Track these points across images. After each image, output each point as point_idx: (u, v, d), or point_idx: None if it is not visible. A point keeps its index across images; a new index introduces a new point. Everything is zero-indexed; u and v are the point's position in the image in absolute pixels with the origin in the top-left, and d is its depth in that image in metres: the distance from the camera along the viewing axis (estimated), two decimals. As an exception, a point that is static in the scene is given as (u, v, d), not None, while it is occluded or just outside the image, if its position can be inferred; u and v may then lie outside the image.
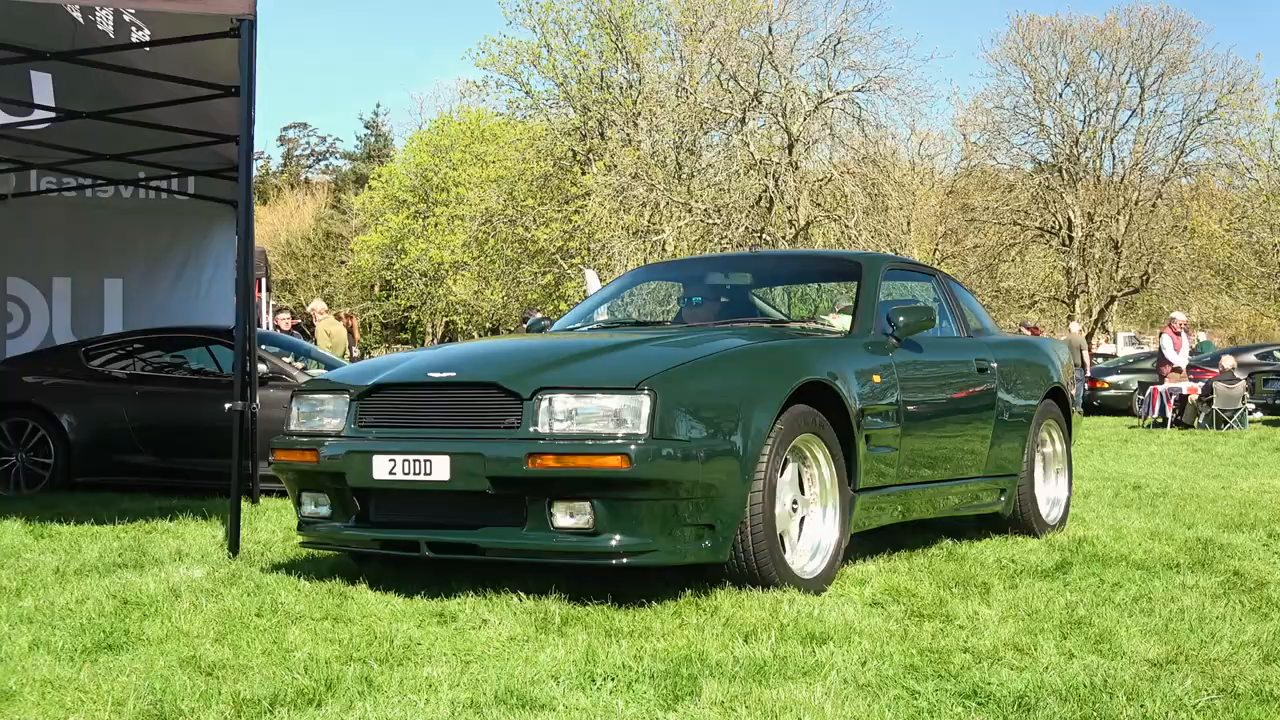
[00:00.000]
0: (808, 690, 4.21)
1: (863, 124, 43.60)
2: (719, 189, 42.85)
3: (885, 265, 7.89)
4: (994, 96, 50.19)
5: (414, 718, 3.88)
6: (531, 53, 47.38)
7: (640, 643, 4.89)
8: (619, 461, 5.20)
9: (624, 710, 3.99)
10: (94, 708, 4.00)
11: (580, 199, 43.90)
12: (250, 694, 4.13)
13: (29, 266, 14.27)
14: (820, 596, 5.97)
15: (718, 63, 43.81)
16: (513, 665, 4.56)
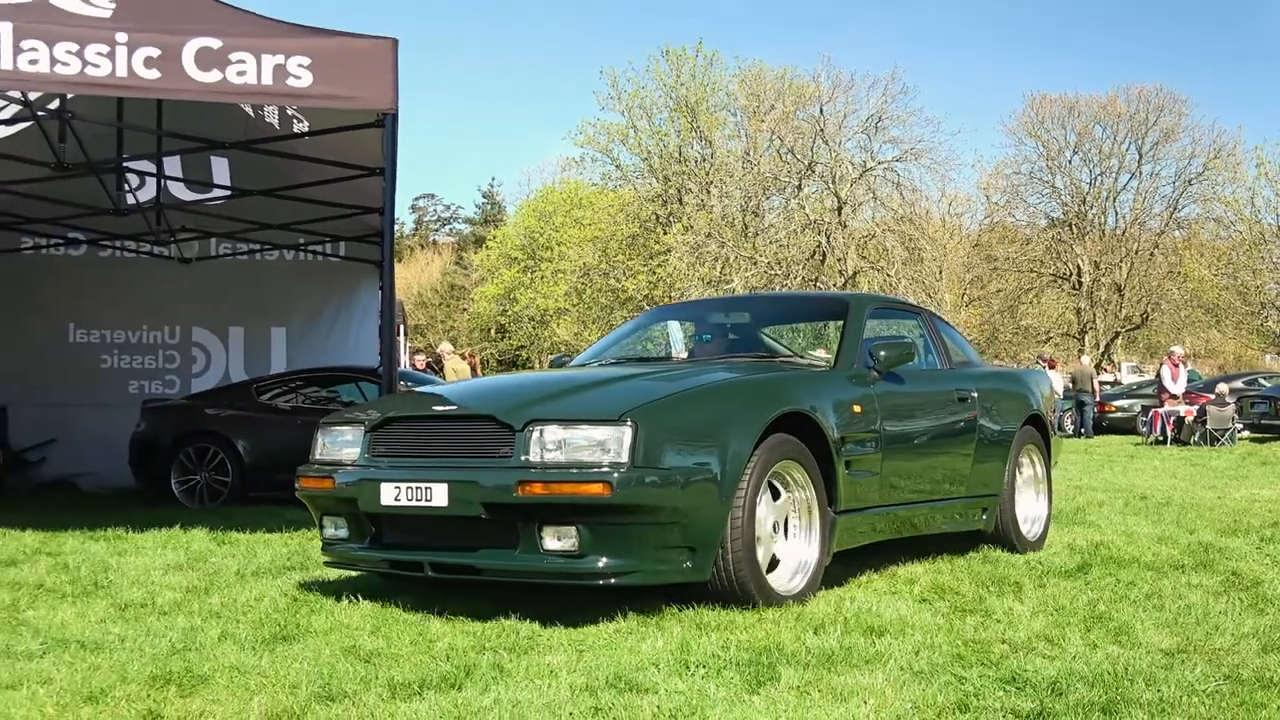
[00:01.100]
0: (870, 676, 4.18)
1: (900, 189, 43.51)
2: (779, 245, 42.91)
3: (871, 305, 7.43)
4: (1012, 163, 50.12)
5: (538, 699, 3.88)
6: (620, 133, 47.70)
7: (726, 635, 4.88)
8: (601, 489, 4.86)
9: (715, 693, 3.97)
10: (273, 690, 4.04)
11: (662, 255, 44.07)
12: (402, 678, 4.16)
13: (210, 318, 14.50)
14: (871, 592, 5.95)
15: (777, 139, 43.88)
16: (619, 654, 4.57)
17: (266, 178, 11.75)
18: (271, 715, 3.75)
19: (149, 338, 14.48)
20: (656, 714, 3.71)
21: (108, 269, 14.33)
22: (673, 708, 3.77)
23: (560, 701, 3.87)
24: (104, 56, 7.31)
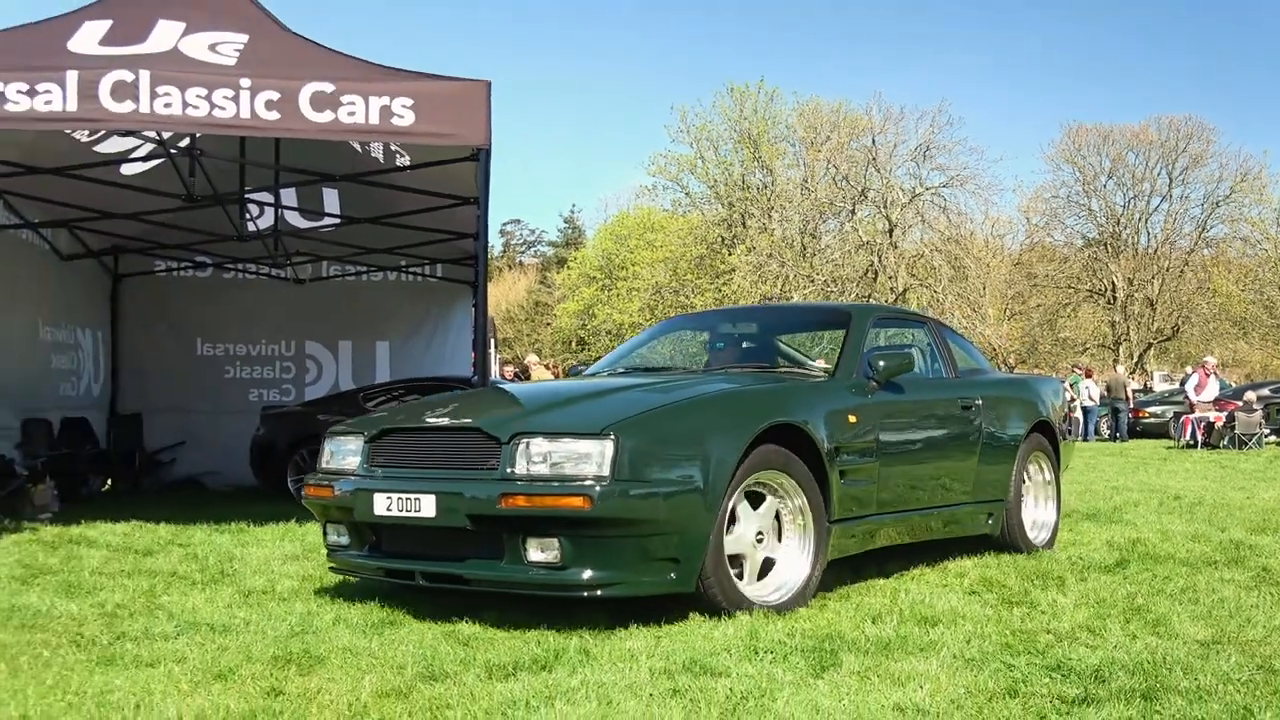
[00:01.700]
0: (925, 663, 4.14)
1: (947, 212, 43.32)
2: (835, 264, 42.79)
3: (874, 315, 6.90)
4: (1051, 188, 49.55)
5: (621, 681, 3.88)
6: (689, 163, 47.77)
7: (791, 624, 4.86)
8: (581, 502, 4.52)
9: (783, 677, 3.95)
10: (382, 670, 4.07)
11: (727, 274, 44.02)
12: (497, 661, 4.18)
13: (321, 332, 14.67)
14: (925, 584, 5.87)
15: (833, 167, 43.78)
16: (693, 641, 4.56)
17: (372, 207, 11.88)
18: (381, 693, 3.78)
19: (267, 350, 14.69)
20: (730, 695, 3.70)
21: (231, 289, 14.55)
22: (744, 690, 3.76)
23: (641, 683, 3.87)
24: (229, 100, 7.43)
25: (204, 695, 3.73)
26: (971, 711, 3.54)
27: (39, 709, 3.58)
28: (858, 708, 3.56)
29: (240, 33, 8.03)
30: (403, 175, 10.48)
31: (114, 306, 14.25)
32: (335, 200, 12.16)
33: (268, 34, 8.15)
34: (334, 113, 7.53)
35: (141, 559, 6.95)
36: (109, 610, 5.28)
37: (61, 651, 4.41)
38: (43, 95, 7.26)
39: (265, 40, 8.02)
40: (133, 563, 6.70)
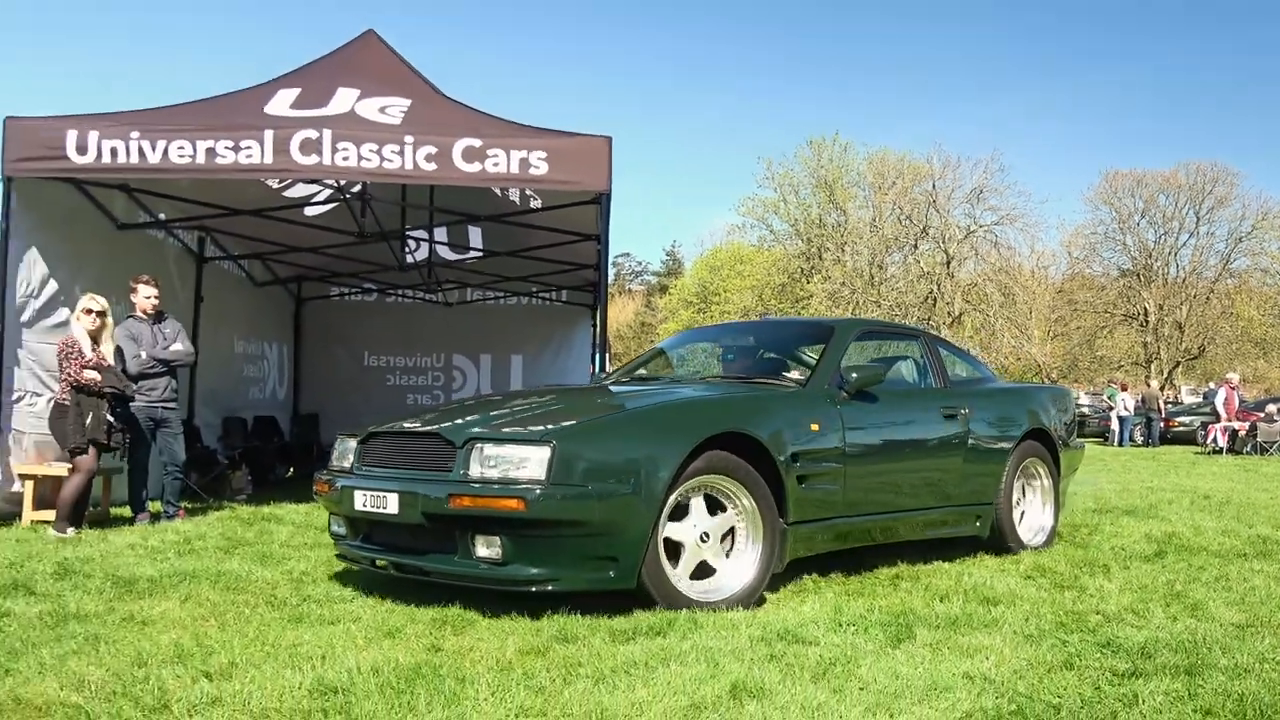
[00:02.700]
0: (989, 638, 4.05)
1: (998, 246, 42.60)
2: (899, 292, 42.23)
3: (857, 330, 6.19)
4: (1090, 225, 48.35)
5: (725, 646, 3.86)
6: (773, 205, 47.63)
7: (869, 600, 4.79)
8: (517, 504, 4.23)
9: (865, 646, 3.90)
10: (523, 633, 4.11)
11: (805, 299, 43.73)
12: (619, 627, 4.18)
13: (466, 347, 14.84)
14: (985, 569, 5.73)
15: (898, 208, 43.29)
16: (785, 613, 4.53)
17: (509, 242, 12.00)
18: (523, 651, 3.81)
19: (421, 362, 14.90)
20: (820, 661, 3.65)
21: (392, 311, 14.81)
22: (832, 657, 3.71)
23: (742, 648, 3.85)
24: (395, 154, 7.57)
25: (376, 649, 3.80)
26: (1033, 681, 3.45)
27: (243, 657, 3.68)
28: (932, 675, 3.49)
29: (405, 97, 8.18)
30: (535, 215, 10.57)
31: (296, 325, 14.59)
32: (479, 236, 12.31)
33: (427, 98, 8.29)
34: (481, 164, 7.63)
35: (321, 534, 7.07)
36: (296, 576, 5.40)
37: (259, 610, 4.52)
38: (245, 150, 7.47)
39: (425, 103, 8.16)
40: (314, 537, 6.83)
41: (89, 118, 7.54)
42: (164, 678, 3.36)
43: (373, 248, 11.76)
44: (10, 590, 4.80)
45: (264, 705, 3.11)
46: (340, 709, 3.08)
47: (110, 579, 5.12)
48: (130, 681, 3.32)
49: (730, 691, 3.27)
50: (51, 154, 7.43)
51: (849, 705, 3.16)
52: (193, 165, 7.46)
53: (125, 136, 7.41)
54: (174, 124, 7.51)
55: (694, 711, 3.09)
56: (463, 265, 13.12)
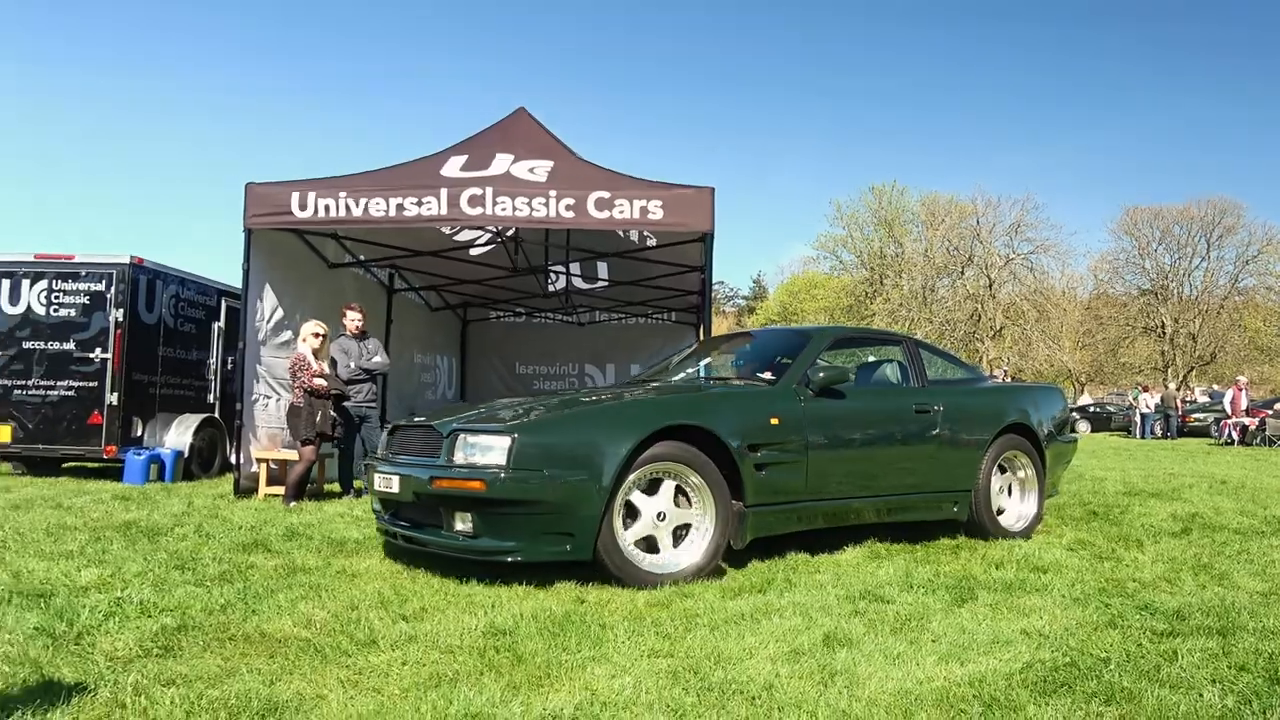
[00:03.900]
0: (1041, 600, 3.89)
1: (1034, 271, 41.15)
2: (948, 310, 41.05)
3: (831, 337, 5.66)
4: (1113, 252, 46.20)
5: (816, 602, 3.79)
6: (842, 240, 46.98)
7: (935, 566, 4.64)
8: (480, 485, 4.06)
9: (934, 605, 3.78)
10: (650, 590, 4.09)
11: (869, 317, 42.87)
12: (727, 585, 4.15)
13: (595, 358, 14.93)
14: (1032, 542, 5.48)
15: (946, 241, 42.14)
16: (863, 576, 4.41)
17: (629, 273, 12.02)
18: (650, 603, 3.80)
19: (560, 370, 15.03)
20: (896, 616, 3.55)
21: (537, 330, 15.00)
22: (907, 613, 3.61)
23: (830, 605, 3.77)
24: (542, 205, 7.67)
25: (534, 600, 3.84)
26: (1082, 638, 3.29)
27: (431, 604, 3.74)
28: (994, 631, 3.36)
29: (549, 160, 8.27)
30: (651, 252, 10.58)
31: (462, 341, 14.89)
32: (605, 269, 12.37)
33: (566, 160, 8.37)
34: (609, 212, 7.67)
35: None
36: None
37: (440, 567, 4.57)
38: (426, 204, 7.66)
39: (565, 164, 8.24)
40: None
41: (307, 182, 7.83)
42: (371, 619, 3.45)
43: (522, 279, 11.94)
44: (252, 548, 4.99)
45: (449, 643, 3.16)
46: (509, 647, 3.11)
47: (326, 540, 5.27)
48: (346, 621, 3.41)
49: (823, 640, 3.20)
50: (279, 211, 7.73)
51: (924, 654, 3.06)
52: (386, 217, 7.68)
53: (335, 196, 7.68)
54: (372, 186, 7.75)
55: (795, 656, 3.03)
56: (593, 293, 13.21)
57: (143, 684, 2.64)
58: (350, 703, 2.57)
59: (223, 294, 10.73)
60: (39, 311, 9.25)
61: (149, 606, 3.51)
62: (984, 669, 2.92)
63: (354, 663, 2.93)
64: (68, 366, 9.17)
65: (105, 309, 9.20)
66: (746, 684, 2.74)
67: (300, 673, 2.81)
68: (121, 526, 5.53)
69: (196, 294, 10.33)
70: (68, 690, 2.57)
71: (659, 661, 2.98)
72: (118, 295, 9.19)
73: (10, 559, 4.42)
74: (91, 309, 9.23)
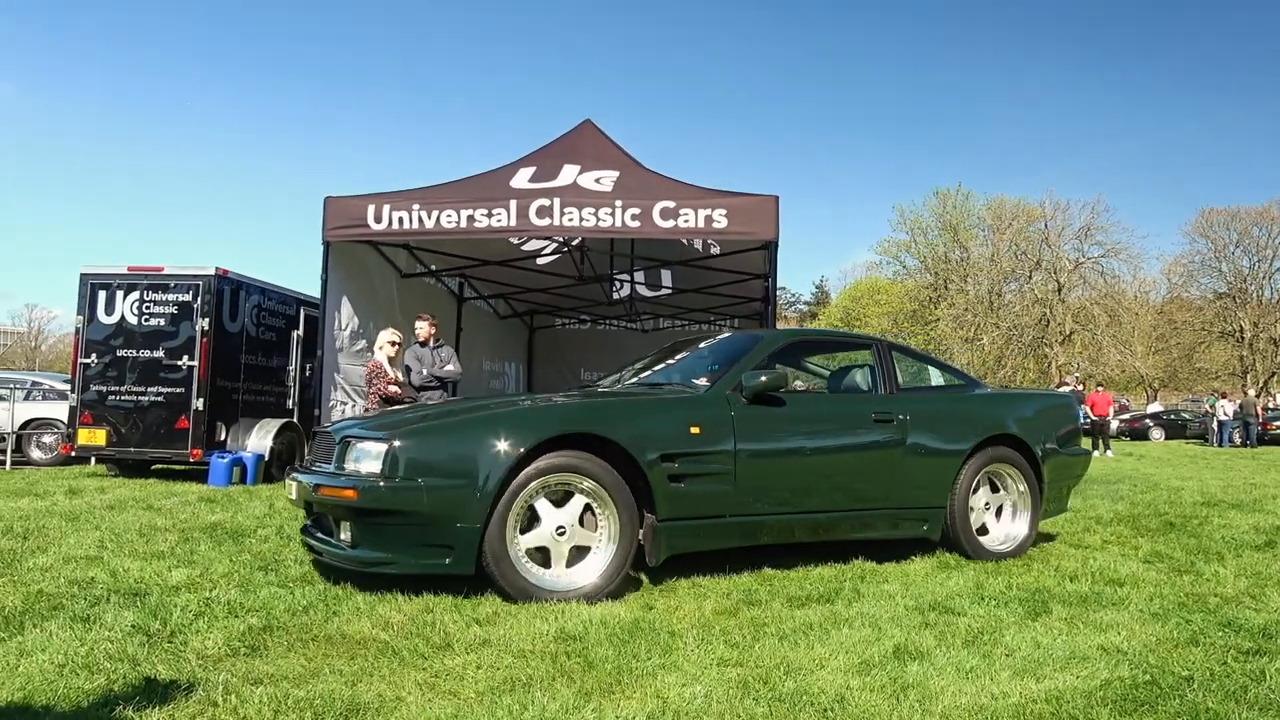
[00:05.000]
0: (1118, 615, 3.76)
1: (1104, 275, 39.93)
2: (1016, 315, 40.07)
3: (781, 341, 5.28)
4: (1188, 256, 44.70)
5: (884, 613, 3.73)
6: (905, 245, 46.32)
7: (1007, 578, 4.52)
8: (351, 494, 3.84)
9: (1007, 618, 3.68)
10: (716, 596, 4.04)
11: (933, 322, 42.12)
12: (794, 594, 4.09)
13: (658, 364, 14.95)
14: (1107, 554, 5.31)
15: (1014, 245, 41.16)
16: (932, 586, 4.32)
17: (693, 281, 12.03)
18: (717, 611, 3.78)
19: (624, 376, 15.11)
20: (969, 629, 3.47)
21: (602, 336, 15.09)
22: (979, 626, 3.52)
23: (899, 616, 3.70)
24: (608, 215, 7.72)
25: (603, 606, 3.84)
26: (1163, 655, 3.17)
27: (503, 609, 3.75)
28: (1070, 646, 3.26)
29: (614, 170, 8.33)
30: (714, 259, 10.58)
31: (529, 348, 15.07)
32: (669, 277, 12.40)
33: (631, 170, 8.41)
34: (674, 220, 7.69)
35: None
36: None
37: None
38: (495, 216, 7.77)
39: (630, 174, 8.29)
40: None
41: (382, 195, 8.01)
42: (445, 622, 3.50)
43: (587, 288, 12.04)
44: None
45: (522, 647, 3.19)
46: (579, 653, 3.12)
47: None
48: (421, 624, 3.46)
49: (894, 653, 3.14)
50: (355, 223, 7.92)
51: (998, 669, 2.99)
52: (457, 228, 7.81)
53: (408, 208, 7.84)
54: (444, 198, 7.89)
55: (865, 668, 2.99)
56: (656, 300, 13.24)
57: (232, 683, 2.73)
58: (428, 705, 2.61)
59: (302, 303, 11.02)
60: (131, 321, 9.63)
61: (236, 607, 3.62)
62: (1061, 685, 2.83)
63: (430, 665, 2.97)
64: (157, 373, 9.52)
65: (192, 318, 9.53)
66: (818, 695, 2.71)
67: (380, 674, 2.87)
68: (208, 528, 5.71)
69: (277, 304, 10.63)
70: (164, 687, 2.67)
71: (729, 671, 2.96)
72: (204, 305, 9.51)
73: (107, 558, 4.60)
74: (179, 318, 9.57)
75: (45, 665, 2.82)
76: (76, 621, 3.33)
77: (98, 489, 8.17)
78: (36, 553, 4.73)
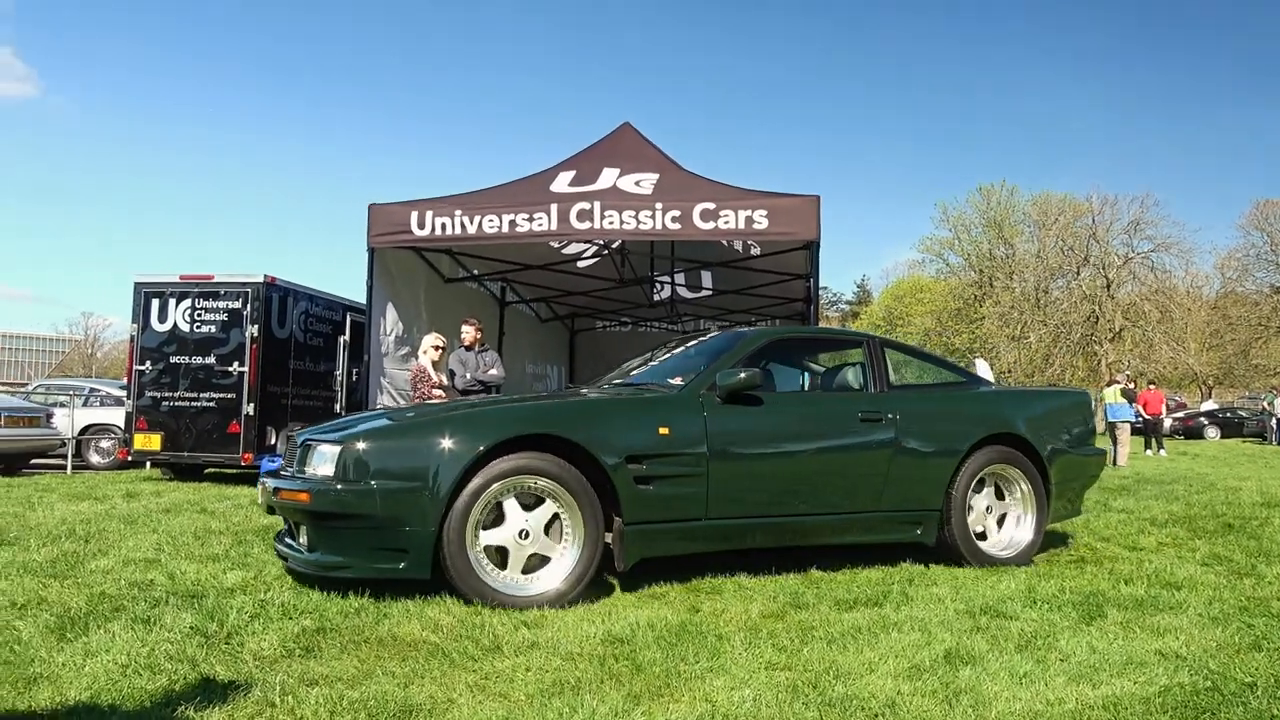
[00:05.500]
0: (1176, 619, 3.67)
1: (1155, 271, 38.92)
2: (1063, 312, 39.28)
3: (762, 340, 5.04)
4: (1242, 249, 43.19)
5: (934, 617, 3.68)
6: (948, 243, 45.71)
7: (1060, 582, 4.44)
8: (305, 497, 3.82)
9: (1060, 622, 3.61)
10: (763, 599, 4.04)
11: (978, 320, 41.47)
12: (842, 597, 4.06)
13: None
14: (1164, 556, 5.19)
15: (1060, 241, 40.38)
16: (983, 590, 4.25)
17: (734, 282, 11.96)
18: (764, 614, 3.76)
19: (665, 378, 15.08)
20: (1021, 634, 3.42)
21: (643, 338, 15.06)
22: (1032, 630, 3.47)
23: (949, 620, 3.66)
24: (648, 217, 7.71)
25: (649, 609, 3.85)
26: (1224, 660, 3.10)
27: (550, 611, 3.78)
28: (1127, 651, 3.19)
29: (654, 172, 8.32)
30: (755, 260, 10.52)
31: (570, 350, 15.14)
32: (710, 279, 12.35)
33: (671, 172, 8.40)
34: (714, 222, 7.66)
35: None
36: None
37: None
38: (536, 220, 7.81)
39: (670, 176, 8.28)
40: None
41: (424, 201, 8.10)
42: (494, 624, 3.53)
43: (628, 290, 12.04)
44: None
45: (570, 649, 3.20)
46: (627, 655, 3.13)
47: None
48: (470, 626, 3.49)
49: (945, 657, 3.10)
50: (399, 229, 8.02)
51: (1053, 674, 2.94)
52: (499, 233, 7.86)
53: (451, 214, 7.91)
54: (485, 204, 7.96)
55: (916, 672, 2.96)
56: (697, 301, 13.20)
57: (289, 684, 2.78)
58: (479, 707, 2.63)
59: (347, 309, 11.19)
60: (184, 328, 9.85)
61: (289, 609, 3.68)
62: (1118, 691, 2.78)
63: (480, 667, 3.00)
64: (209, 379, 9.73)
65: (242, 325, 9.73)
66: (868, 700, 2.69)
67: (431, 676, 2.90)
68: (260, 531, 5.81)
69: (324, 310, 10.81)
70: (222, 688, 2.73)
71: (777, 674, 2.95)
72: (253, 312, 9.70)
73: (165, 561, 4.71)
74: (230, 325, 9.77)
75: (110, 665, 2.89)
76: (137, 623, 3.42)
77: (153, 493, 8.36)
78: (98, 555, 4.86)
